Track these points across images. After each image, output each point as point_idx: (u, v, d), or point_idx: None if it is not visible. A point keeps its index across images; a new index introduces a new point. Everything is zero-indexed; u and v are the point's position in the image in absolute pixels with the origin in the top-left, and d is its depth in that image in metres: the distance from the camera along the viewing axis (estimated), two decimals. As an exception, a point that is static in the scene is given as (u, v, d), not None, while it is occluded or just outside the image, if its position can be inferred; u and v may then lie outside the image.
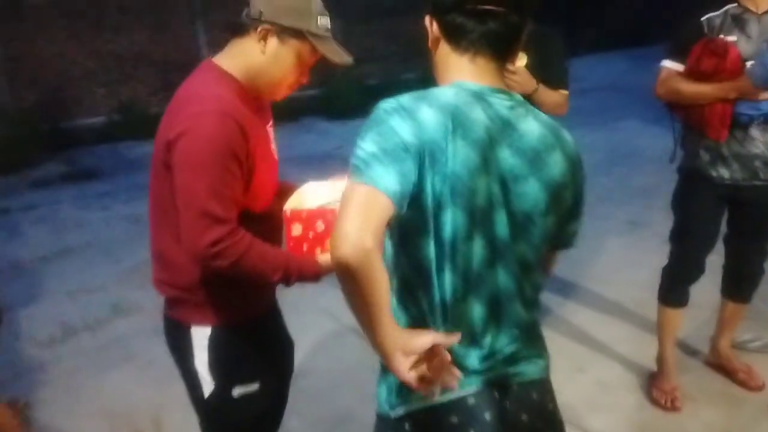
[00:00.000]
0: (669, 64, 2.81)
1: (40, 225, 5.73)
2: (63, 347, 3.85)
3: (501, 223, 1.39)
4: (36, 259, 5.01)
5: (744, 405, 3.06)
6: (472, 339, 1.43)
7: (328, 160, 6.54)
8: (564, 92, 2.87)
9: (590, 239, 4.30)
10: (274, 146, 1.95)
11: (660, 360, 3.18)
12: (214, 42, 8.56)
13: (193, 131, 1.67)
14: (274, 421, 2.13)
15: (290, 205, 1.86)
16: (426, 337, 1.29)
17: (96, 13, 8.06)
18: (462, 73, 1.41)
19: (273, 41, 1.79)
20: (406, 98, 1.35)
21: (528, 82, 2.71)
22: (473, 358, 1.43)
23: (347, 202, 1.25)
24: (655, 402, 3.08)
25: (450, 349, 1.31)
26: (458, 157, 1.32)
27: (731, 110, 2.69)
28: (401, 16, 8.62)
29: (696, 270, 3.00)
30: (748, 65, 2.61)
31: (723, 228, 3.01)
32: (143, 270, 4.84)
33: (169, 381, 3.28)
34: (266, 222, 1.85)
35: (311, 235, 1.81)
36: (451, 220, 1.34)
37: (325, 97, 8.45)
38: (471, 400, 1.42)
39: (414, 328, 1.40)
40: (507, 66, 1.48)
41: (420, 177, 1.30)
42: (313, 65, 1.87)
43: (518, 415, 1.46)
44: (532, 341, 1.52)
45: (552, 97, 2.78)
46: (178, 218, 1.70)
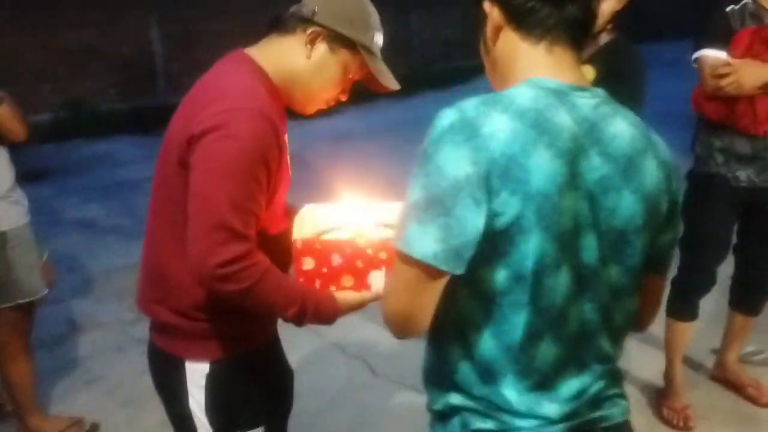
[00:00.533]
0: (712, 53, 2.62)
1: (-18, 232, 5.29)
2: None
3: (589, 247, 1.16)
4: (-21, 270, 4.60)
5: (759, 424, 2.91)
6: (550, 383, 1.21)
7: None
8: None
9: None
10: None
11: (668, 377, 3.02)
12: (168, 36, 8.21)
13: (224, 129, 1.42)
14: None
15: (298, 235, 1.61)
16: None
17: (43, 5, 7.60)
18: (536, 68, 1.18)
19: (321, 47, 1.57)
20: (472, 106, 1.12)
21: None
22: (552, 406, 1.21)
23: (393, 274, 1.17)
24: (667, 422, 2.92)
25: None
26: (544, 172, 1.09)
27: None
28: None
29: (709, 281, 2.85)
30: None
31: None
32: (100, 282, 4.57)
33: (142, 406, 3.07)
34: (276, 247, 1.60)
35: (325, 270, 1.57)
36: (536, 249, 1.11)
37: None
38: None
39: (476, 376, 1.20)
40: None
41: (488, 203, 1.08)
42: (352, 84, 1.66)
43: None
44: (616, 378, 1.30)
45: None
46: (187, 228, 1.44)
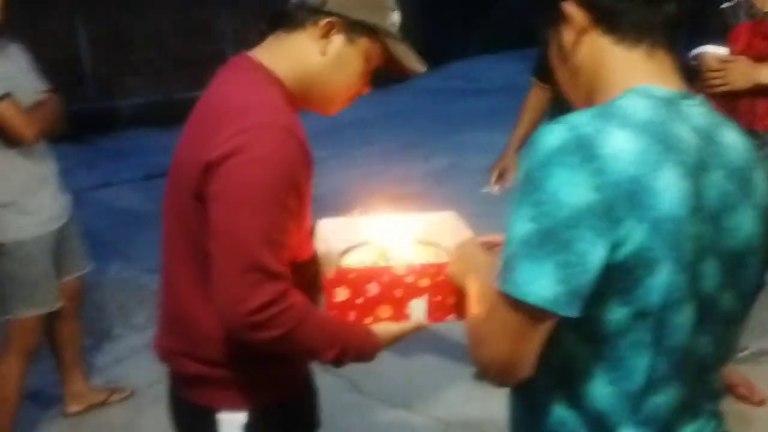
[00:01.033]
0: (712, 49, 2.64)
1: None
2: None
3: (710, 275, 1.04)
4: None
5: (752, 422, 2.91)
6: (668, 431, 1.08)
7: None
8: None
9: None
10: None
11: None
12: (96, 38, 7.80)
13: (246, 152, 1.23)
14: None
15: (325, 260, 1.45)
16: None
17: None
18: (637, 75, 1.05)
19: (338, 39, 1.38)
20: (585, 121, 0.98)
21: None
22: None
23: (489, 316, 1.02)
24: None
25: None
26: (673, 195, 0.96)
27: None
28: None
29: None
30: None
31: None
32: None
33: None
34: (303, 275, 1.42)
35: (360, 301, 1.40)
36: (664, 282, 0.97)
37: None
38: None
39: (586, 429, 1.06)
40: None
41: (611, 233, 0.93)
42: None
43: None
44: (722, 416, 1.18)
45: None
46: (211, 269, 1.26)
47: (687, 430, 1.09)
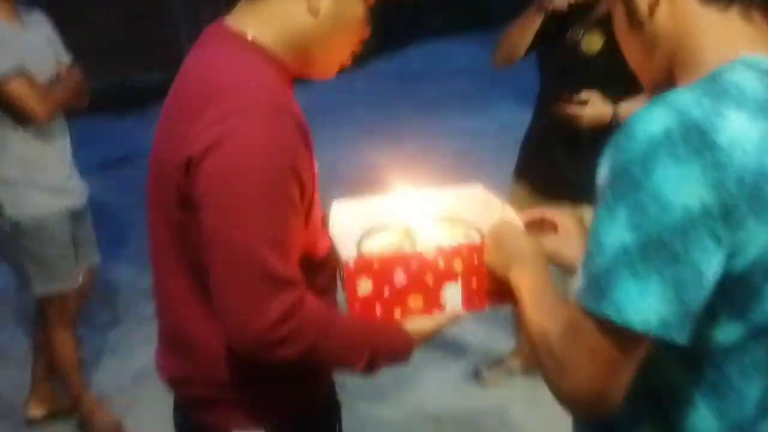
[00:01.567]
0: None
1: None
2: None
3: None
4: None
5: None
6: None
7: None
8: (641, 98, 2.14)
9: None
10: None
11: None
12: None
13: (232, 141, 1.05)
14: None
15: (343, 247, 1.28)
16: None
17: None
18: (736, 42, 0.88)
19: None
20: (693, 102, 0.81)
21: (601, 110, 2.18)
22: None
23: (574, 339, 0.85)
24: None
25: None
26: None
27: None
28: None
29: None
30: None
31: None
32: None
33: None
34: (323, 273, 1.27)
35: (387, 293, 1.23)
36: None
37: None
38: None
39: None
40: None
41: (730, 238, 0.79)
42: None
43: None
44: None
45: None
46: (212, 286, 1.08)
47: None
